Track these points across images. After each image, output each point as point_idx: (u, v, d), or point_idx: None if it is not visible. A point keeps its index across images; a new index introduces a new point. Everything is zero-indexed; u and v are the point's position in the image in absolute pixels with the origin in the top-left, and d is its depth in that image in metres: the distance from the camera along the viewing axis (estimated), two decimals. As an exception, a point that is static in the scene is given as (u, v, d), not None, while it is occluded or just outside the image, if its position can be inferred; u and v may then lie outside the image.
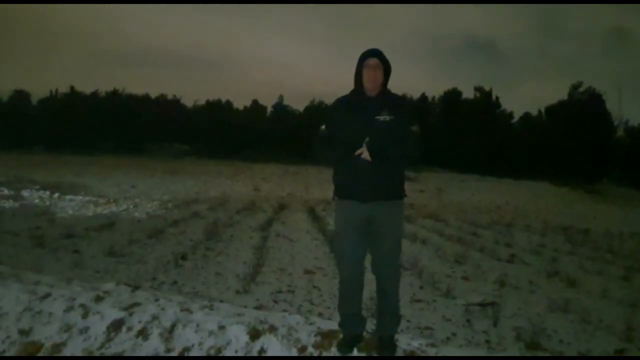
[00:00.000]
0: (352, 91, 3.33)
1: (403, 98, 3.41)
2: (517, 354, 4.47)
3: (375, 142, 3.09)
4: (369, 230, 3.24)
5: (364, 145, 3.09)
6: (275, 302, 5.91)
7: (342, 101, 3.34)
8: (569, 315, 6.08)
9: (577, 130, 50.26)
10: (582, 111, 52.76)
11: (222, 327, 3.37)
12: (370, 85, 3.23)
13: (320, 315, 5.22)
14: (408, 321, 5.43)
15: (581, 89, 56.91)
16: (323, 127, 3.32)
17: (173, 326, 3.47)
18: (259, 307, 5.24)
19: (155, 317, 3.56)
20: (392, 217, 3.25)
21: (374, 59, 3.23)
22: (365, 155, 3.08)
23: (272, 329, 3.30)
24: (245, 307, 4.44)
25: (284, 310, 5.08)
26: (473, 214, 20.48)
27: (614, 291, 7.60)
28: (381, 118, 3.17)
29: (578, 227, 18.12)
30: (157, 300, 3.92)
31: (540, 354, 4.58)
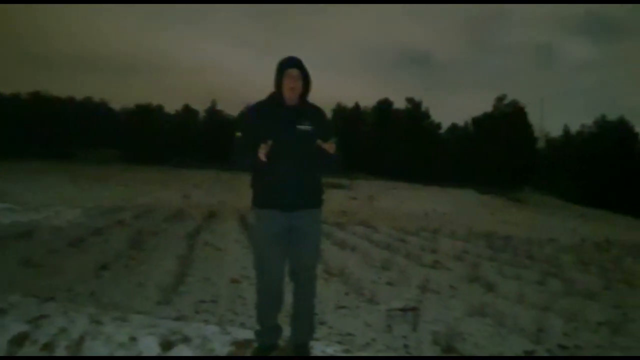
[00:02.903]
0: (270, 99, 3.31)
1: (321, 110, 3.43)
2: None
3: (295, 150, 3.10)
4: (289, 239, 3.24)
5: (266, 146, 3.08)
6: (197, 312, 5.78)
7: (259, 108, 3.32)
8: (486, 319, 6.29)
9: (501, 141, 52.51)
10: (506, 122, 55.23)
11: (133, 339, 3.26)
12: (291, 95, 3.24)
13: (242, 325, 5.16)
14: (330, 327, 5.46)
15: (505, 102, 59.60)
16: (239, 134, 3.29)
17: (81, 339, 3.33)
18: (178, 318, 5.12)
19: (62, 330, 3.41)
20: (312, 225, 3.27)
21: (295, 70, 3.24)
22: (262, 157, 3.07)
23: (186, 340, 3.23)
24: (162, 318, 4.32)
25: (205, 321, 5.00)
26: (402, 221, 20.93)
27: (529, 295, 7.95)
28: (302, 127, 3.19)
29: (500, 233, 18.88)
30: (66, 312, 3.76)
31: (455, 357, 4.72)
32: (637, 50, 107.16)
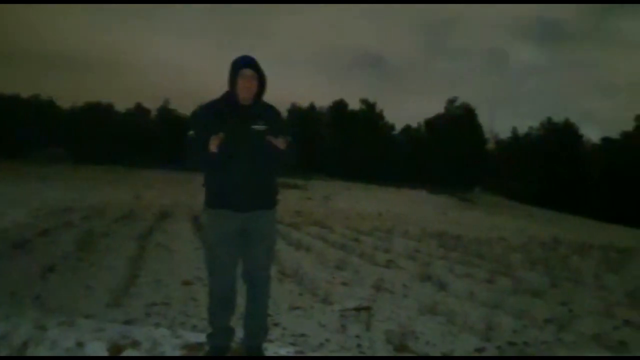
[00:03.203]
0: (224, 98, 3.26)
1: (276, 110, 3.40)
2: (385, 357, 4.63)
3: (249, 151, 3.07)
4: (243, 240, 3.21)
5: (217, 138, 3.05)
6: (148, 315, 5.65)
7: (212, 108, 3.27)
8: (437, 317, 6.40)
9: (452, 142, 53.65)
10: (457, 124, 56.50)
11: (80, 344, 3.16)
12: (246, 95, 3.19)
13: (194, 327, 5.08)
14: (284, 329, 5.43)
15: (457, 104, 60.98)
16: (192, 132, 3.22)
17: (25, 345, 3.20)
18: (128, 322, 5.00)
19: (3, 336, 3.27)
20: (266, 226, 3.24)
21: (250, 70, 3.19)
22: (214, 148, 3.03)
23: (135, 344, 3.15)
24: (111, 321, 4.21)
25: (156, 324, 4.90)
26: (357, 221, 21.09)
27: (479, 293, 8.13)
28: (257, 127, 3.15)
29: (451, 233, 19.28)
30: (8, 317, 3.61)
31: (407, 355, 4.77)
32: (582, 55, 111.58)
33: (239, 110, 3.18)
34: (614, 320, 6.96)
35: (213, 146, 3.01)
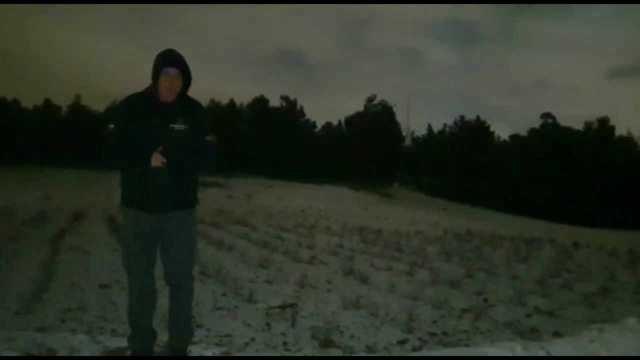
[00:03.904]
0: (146, 93, 3.15)
1: (198, 105, 3.32)
2: (311, 353, 4.67)
3: (168, 150, 2.98)
4: (160, 240, 3.12)
5: (156, 153, 2.95)
6: (63, 321, 5.39)
7: (134, 101, 3.14)
8: (360, 311, 6.54)
9: (371, 139, 54.79)
10: (376, 121, 57.78)
11: (-11, 356, 2.96)
12: (167, 94, 3.09)
13: (113, 331, 4.91)
14: (208, 330, 5.36)
15: (375, 102, 62.34)
16: (112, 126, 3.08)
17: None
18: (41, 329, 4.74)
19: None
20: (183, 226, 3.16)
21: (174, 69, 3.08)
22: (157, 163, 2.94)
23: (51, 352, 3.00)
24: (23, 330, 3.97)
25: (71, 330, 4.67)
26: (279, 218, 21.08)
27: (400, 286, 8.38)
28: (176, 126, 3.06)
29: (372, 227, 19.71)
30: None
31: (333, 351, 4.83)
32: (491, 55, 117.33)
33: (160, 107, 3.07)
34: (526, 308, 7.39)
35: (155, 162, 2.92)
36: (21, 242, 10.71)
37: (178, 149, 3.00)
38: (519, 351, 3.00)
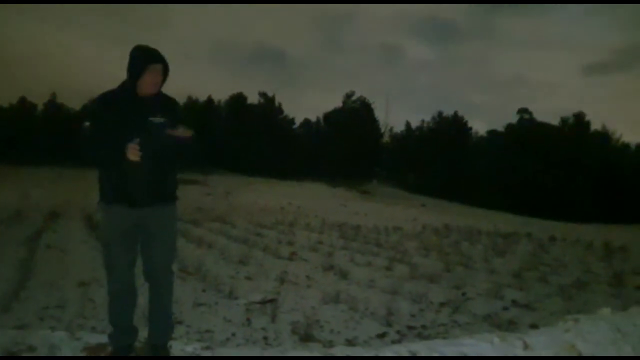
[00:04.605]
0: (121, 88, 3.13)
1: (174, 101, 3.33)
2: (291, 347, 4.70)
3: (147, 144, 2.97)
4: (140, 236, 3.12)
5: (133, 144, 2.93)
6: (41, 319, 5.36)
7: (110, 98, 3.13)
8: (340, 305, 6.59)
9: (350, 135, 54.89)
10: (355, 118, 57.89)
11: (-34, 355, 2.94)
12: (152, 90, 3.08)
13: (93, 329, 4.88)
14: (188, 326, 5.37)
15: (354, 98, 62.43)
16: (87, 124, 3.08)
17: None
18: (20, 327, 4.69)
19: None
20: (163, 221, 3.16)
21: (160, 65, 3.08)
22: (133, 154, 2.92)
23: (31, 349, 2.98)
24: (1, 328, 3.94)
25: (50, 328, 4.64)
26: (259, 216, 21.07)
27: (379, 280, 8.47)
28: (155, 120, 3.06)
29: (351, 223, 19.82)
30: None
31: (313, 345, 4.88)
32: (469, 52, 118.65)
33: (137, 101, 3.07)
34: (503, 301, 7.52)
35: (132, 155, 2.91)
36: (-3, 241, 10.55)
37: (156, 142, 3.00)
38: (497, 342, 3.07)
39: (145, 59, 3.03)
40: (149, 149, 2.94)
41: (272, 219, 19.80)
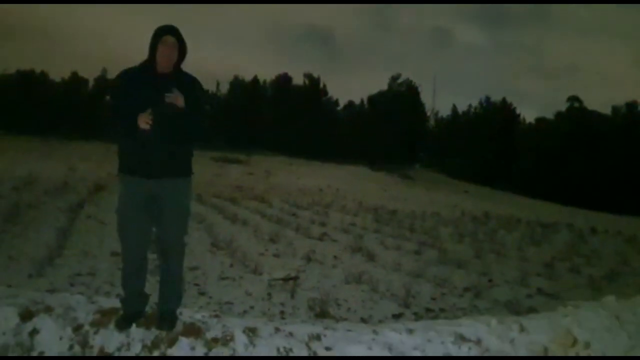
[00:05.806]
0: (143, 65, 3.26)
1: (195, 79, 3.43)
2: (307, 322, 4.81)
3: (157, 114, 3.07)
4: (155, 207, 3.24)
5: (144, 114, 3.04)
6: (72, 285, 5.64)
7: (131, 74, 3.27)
8: (361, 285, 6.66)
9: (394, 119, 54.35)
10: (400, 101, 57.23)
11: (-10, 310, 3.15)
12: (164, 63, 3.20)
13: (118, 296, 5.10)
14: (210, 297, 5.55)
15: (399, 81, 61.65)
16: (108, 97, 3.23)
17: None
18: (51, 291, 4.96)
19: None
20: (177, 194, 3.27)
21: (171, 37, 3.19)
22: (143, 122, 3.04)
23: (48, 309, 3.17)
24: (31, 290, 4.18)
25: (79, 293, 4.88)
26: (296, 196, 21.24)
27: (405, 264, 8.47)
28: (170, 96, 3.16)
29: (388, 207, 19.75)
30: None
31: (327, 320, 4.96)
32: (520, 38, 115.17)
33: (156, 77, 3.18)
34: (528, 289, 7.44)
35: (142, 122, 3.03)
36: (40, 210, 11.04)
37: (170, 117, 3.10)
38: (494, 324, 3.08)
39: (157, 32, 3.15)
40: (159, 119, 3.06)
41: (309, 199, 19.94)
